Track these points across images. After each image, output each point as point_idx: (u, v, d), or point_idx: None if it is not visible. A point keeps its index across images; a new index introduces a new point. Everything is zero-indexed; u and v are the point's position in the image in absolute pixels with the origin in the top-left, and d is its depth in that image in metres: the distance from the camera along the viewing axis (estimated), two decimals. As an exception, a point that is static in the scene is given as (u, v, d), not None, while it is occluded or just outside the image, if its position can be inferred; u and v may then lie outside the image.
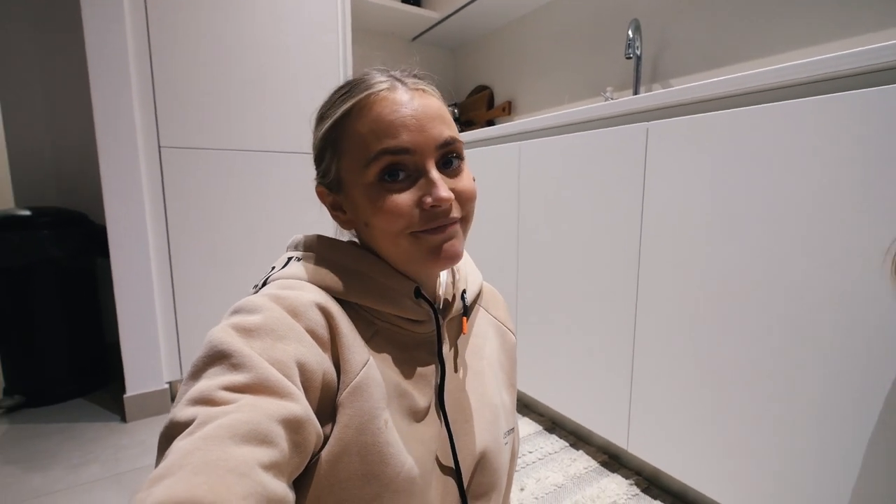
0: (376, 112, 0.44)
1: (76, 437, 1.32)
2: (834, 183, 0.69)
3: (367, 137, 0.44)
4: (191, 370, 0.37)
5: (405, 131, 0.44)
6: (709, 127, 0.85)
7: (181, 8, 1.36)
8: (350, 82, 0.48)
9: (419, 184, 0.45)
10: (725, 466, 0.87)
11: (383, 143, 0.44)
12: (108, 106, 1.29)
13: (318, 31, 1.59)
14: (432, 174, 0.45)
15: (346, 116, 0.46)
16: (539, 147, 1.26)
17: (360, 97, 0.45)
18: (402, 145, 0.44)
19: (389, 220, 0.45)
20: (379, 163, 0.44)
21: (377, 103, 0.45)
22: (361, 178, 0.46)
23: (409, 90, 0.46)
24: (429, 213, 0.45)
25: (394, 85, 0.46)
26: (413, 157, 0.45)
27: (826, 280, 0.71)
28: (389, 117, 0.44)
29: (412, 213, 0.45)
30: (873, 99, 0.65)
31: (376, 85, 0.46)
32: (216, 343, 0.37)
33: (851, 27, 1.09)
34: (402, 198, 0.44)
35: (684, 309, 0.92)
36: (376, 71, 0.49)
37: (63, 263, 1.50)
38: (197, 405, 0.33)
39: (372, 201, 0.45)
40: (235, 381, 0.35)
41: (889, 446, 0.66)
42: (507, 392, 0.62)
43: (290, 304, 0.42)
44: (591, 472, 1.12)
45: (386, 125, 0.44)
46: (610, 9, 1.68)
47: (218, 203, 1.47)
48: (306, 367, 0.39)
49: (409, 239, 0.46)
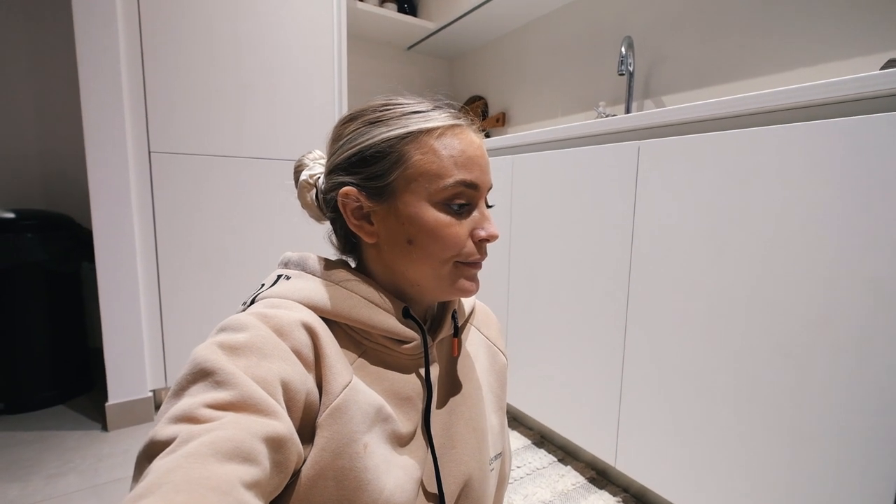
0: (459, 143, 0.48)
1: (55, 445, 1.29)
2: (820, 206, 0.70)
3: (447, 162, 0.47)
4: (174, 388, 0.36)
5: (478, 170, 0.49)
6: (700, 147, 0.86)
7: (175, 12, 1.35)
8: (423, 101, 0.51)
9: (472, 217, 0.49)
10: (713, 485, 0.87)
11: (462, 174, 0.47)
12: (97, 109, 1.27)
13: (314, 38, 1.59)
14: (486, 211, 0.50)
15: (427, 134, 0.47)
16: (532, 161, 1.27)
17: (446, 123, 0.48)
18: (475, 181, 0.48)
19: (445, 245, 0.47)
20: (453, 190, 0.47)
21: (459, 135, 0.48)
22: (427, 198, 0.47)
23: (476, 132, 0.51)
24: (479, 245, 0.50)
25: (470, 123, 0.51)
26: (476, 193, 0.49)
27: (813, 298, 0.71)
28: (469, 152, 0.48)
29: (468, 242, 0.49)
30: (863, 126, 0.66)
31: (457, 118, 0.50)
32: (200, 360, 0.36)
33: (843, 49, 1.12)
34: (462, 226, 0.48)
35: (674, 325, 0.92)
36: (441, 99, 0.52)
37: (47, 267, 1.47)
38: (179, 423, 0.33)
39: (432, 223, 0.47)
40: (219, 399, 0.34)
41: (873, 461, 0.66)
42: (496, 415, 0.61)
43: (276, 323, 0.41)
44: (578, 489, 1.12)
45: (466, 159, 0.47)
46: (604, 25, 1.70)
47: (208, 209, 1.46)
48: (290, 387, 0.39)
49: (451, 267, 0.49)
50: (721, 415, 0.85)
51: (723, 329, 0.84)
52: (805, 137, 0.72)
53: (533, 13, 1.95)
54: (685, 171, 0.89)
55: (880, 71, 0.65)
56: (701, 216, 0.86)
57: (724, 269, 0.83)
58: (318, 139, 1.61)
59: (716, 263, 0.84)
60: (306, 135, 1.59)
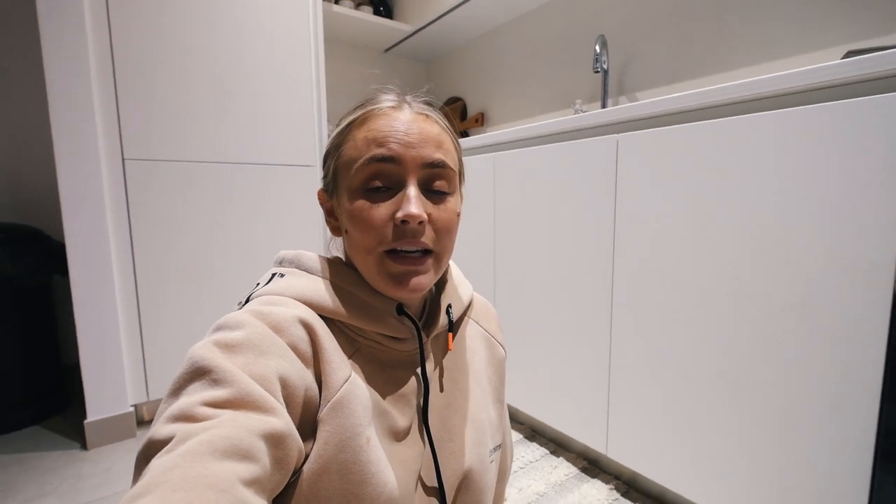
0: (377, 123, 0.46)
1: (33, 467, 1.24)
2: (796, 194, 0.73)
3: (361, 144, 0.46)
4: (171, 387, 0.36)
5: (395, 143, 0.45)
6: (677, 139, 0.89)
7: (145, 14, 1.32)
8: (366, 97, 0.50)
9: (396, 198, 0.45)
10: (702, 468, 0.89)
11: (373, 151, 0.45)
12: (67, 115, 1.23)
13: (289, 41, 1.57)
14: (409, 189, 0.45)
15: (351, 125, 0.48)
16: (514, 158, 1.28)
17: (368, 109, 0.48)
18: (387, 154, 0.45)
19: (363, 231, 0.45)
20: (365, 170, 0.45)
21: (381, 117, 0.47)
22: (349, 183, 0.47)
23: (412, 112, 0.48)
24: (399, 229, 0.45)
25: (401, 105, 0.48)
26: (397, 167, 0.45)
27: (792, 284, 0.74)
28: (385, 129, 0.46)
29: (385, 227, 0.45)
30: (830, 113, 0.69)
31: (385, 101, 0.48)
32: (197, 359, 0.36)
33: (805, 44, 1.17)
34: (378, 209, 0.45)
35: (658, 313, 0.94)
36: (391, 89, 0.51)
37: (17, 282, 1.41)
38: (177, 422, 0.32)
39: (352, 207, 0.46)
40: (216, 397, 0.34)
41: (861, 447, 0.69)
42: (494, 407, 0.62)
43: (272, 319, 0.41)
44: (571, 479, 1.13)
45: (381, 136, 0.46)
46: (578, 25, 1.74)
47: (186, 217, 1.42)
48: (288, 383, 0.39)
49: (377, 258, 0.46)
50: (708, 398, 0.87)
51: (706, 315, 0.86)
52: (777, 126, 0.75)
53: (508, 15, 1.98)
54: (664, 162, 0.91)
55: (842, 60, 0.68)
56: (681, 205, 0.89)
57: (705, 256, 0.86)
58: (298, 143, 1.60)
59: (697, 251, 0.87)
60: (286, 139, 1.57)
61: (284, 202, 1.59)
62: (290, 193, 1.60)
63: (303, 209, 1.62)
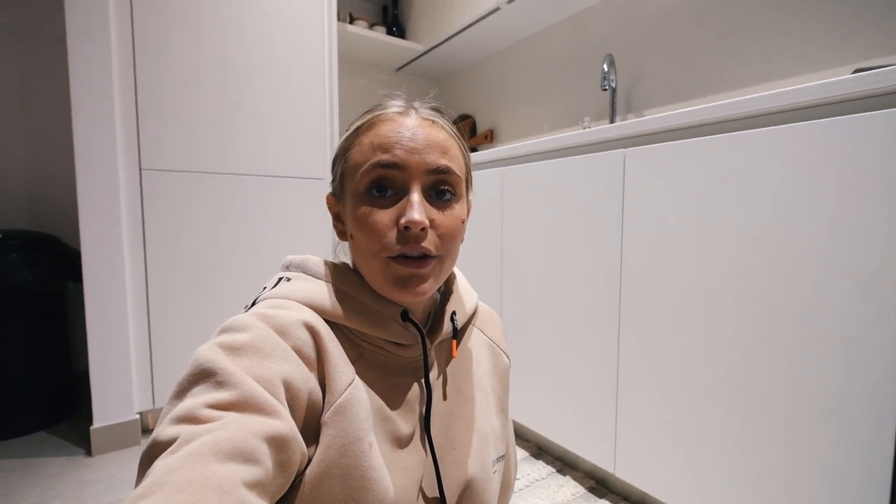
0: (383, 129, 0.47)
1: (37, 472, 1.24)
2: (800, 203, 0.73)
3: (367, 149, 0.47)
4: (176, 389, 0.36)
5: (400, 149, 0.45)
6: (683, 153, 0.89)
7: (168, 28, 1.37)
8: (375, 103, 0.51)
9: (400, 204, 0.46)
10: (713, 489, 0.86)
11: (378, 156, 0.46)
12: (89, 127, 1.27)
13: (305, 56, 1.62)
14: (412, 195, 0.45)
15: (359, 130, 0.49)
16: (521, 172, 1.29)
17: (375, 114, 0.49)
18: (392, 160, 0.45)
19: (367, 235, 0.46)
20: (370, 174, 0.46)
21: (387, 122, 0.47)
22: (354, 188, 0.47)
23: (419, 117, 0.48)
24: (402, 234, 0.45)
25: (407, 110, 0.49)
26: (402, 173, 0.46)
27: (799, 293, 0.73)
28: (391, 135, 0.46)
29: (389, 232, 0.45)
30: (838, 127, 0.69)
31: (392, 107, 0.49)
32: (202, 361, 0.36)
33: (812, 63, 1.18)
34: (382, 214, 0.45)
35: (667, 330, 0.93)
36: (399, 95, 0.52)
37: (32, 288, 1.44)
38: (180, 424, 0.32)
39: (357, 212, 0.47)
40: (220, 399, 0.34)
41: (872, 457, 0.67)
42: (498, 417, 0.61)
43: (277, 322, 0.41)
44: (578, 499, 1.10)
45: (386, 141, 0.46)
46: (586, 44, 1.77)
47: (198, 227, 1.45)
48: (292, 386, 0.39)
49: (381, 263, 0.46)
50: (718, 416, 0.85)
51: (714, 330, 0.85)
52: (784, 140, 0.75)
53: (517, 34, 2.02)
54: (670, 175, 0.91)
55: (851, 75, 0.68)
56: (689, 219, 0.89)
57: (714, 270, 0.85)
58: (309, 158, 1.63)
59: (706, 265, 0.86)
60: (297, 153, 1.61)
61: (295, 215, 1.61)
62: (300, 206, 1.62)
63: (313, 221, 1.64)
